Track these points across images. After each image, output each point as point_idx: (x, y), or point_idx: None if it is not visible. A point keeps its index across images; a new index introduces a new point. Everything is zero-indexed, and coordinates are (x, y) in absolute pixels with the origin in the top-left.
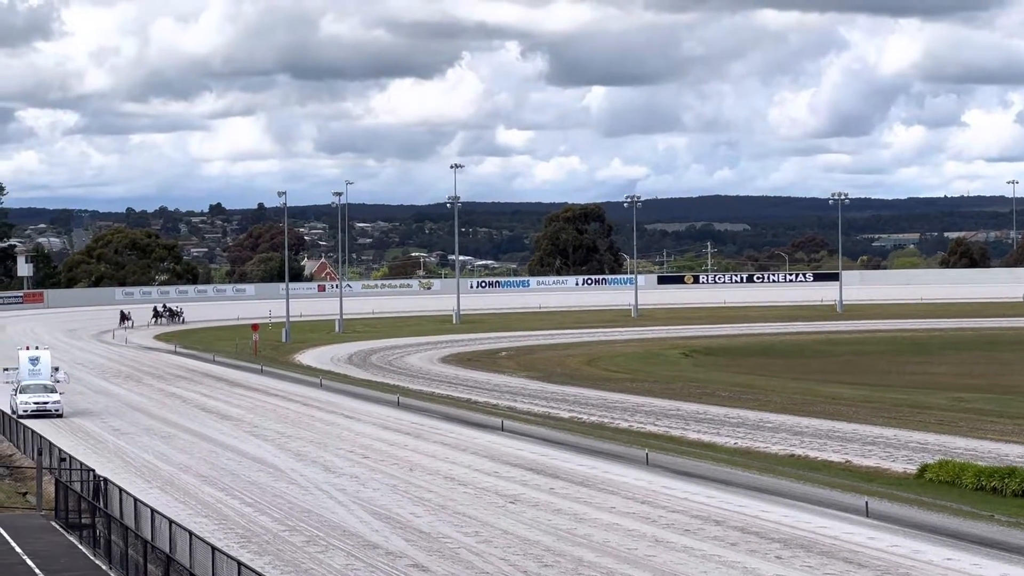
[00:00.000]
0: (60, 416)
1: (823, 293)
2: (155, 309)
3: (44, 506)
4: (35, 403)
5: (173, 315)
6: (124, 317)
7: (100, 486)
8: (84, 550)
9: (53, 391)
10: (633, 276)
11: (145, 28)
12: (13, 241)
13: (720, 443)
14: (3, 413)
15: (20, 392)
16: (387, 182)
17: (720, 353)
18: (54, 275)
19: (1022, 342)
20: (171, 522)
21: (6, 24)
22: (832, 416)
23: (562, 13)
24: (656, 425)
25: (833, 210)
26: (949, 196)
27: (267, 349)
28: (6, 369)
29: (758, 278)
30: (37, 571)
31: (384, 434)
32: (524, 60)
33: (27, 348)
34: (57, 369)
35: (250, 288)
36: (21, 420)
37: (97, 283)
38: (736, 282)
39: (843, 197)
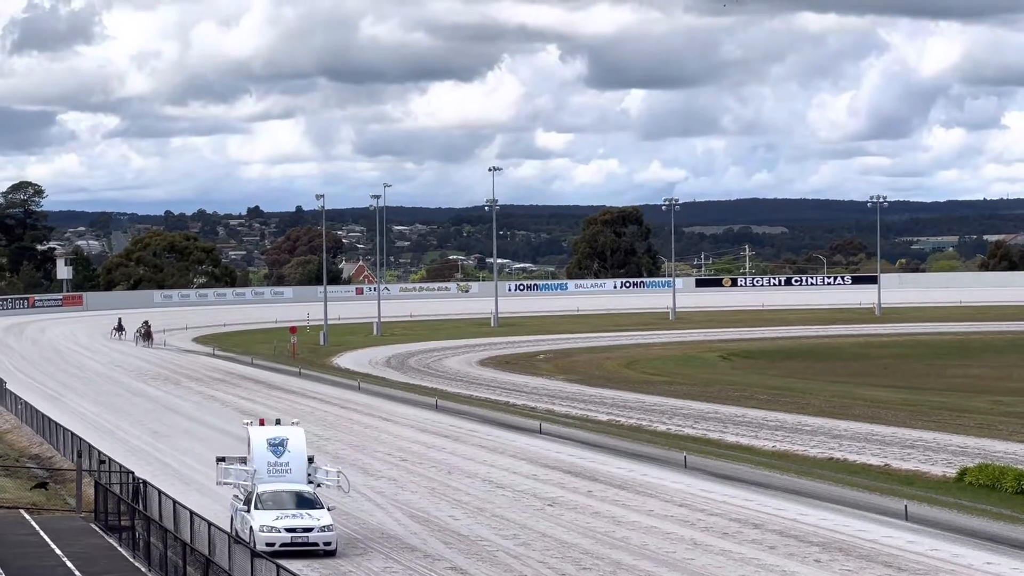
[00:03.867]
0: (333, 553)
1: (861, 296)
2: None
3: (84, 508)
4: (288, 530)
5: (147, 335)
6: (121, 327)
7: (139, 488)
8: (123, 552)
9: (317, 504)
10: (671, 279)
11: (186, 32)
12: (53, 244)
13: (758, 446)
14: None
15: (259, 506)
16: (425, 185)
17: (758, 356)
18: (93, 278)
19: None
20: (210, 524)
21: (48, 28)
22: (871, 419)
23: (602, 16)
24: (694, 428)
25: (872, 213)
26: (988, 199)
27: (305, 352)
28: (222, 460)
29: (796, 281)
30: (77, 573)
31: (422, 437)
32: (564, 63)
33: (261, 423)
34: (312, 460)
35: (288, 291)
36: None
37: (136, 286)
38: (774, 285)
39: (882, 200)
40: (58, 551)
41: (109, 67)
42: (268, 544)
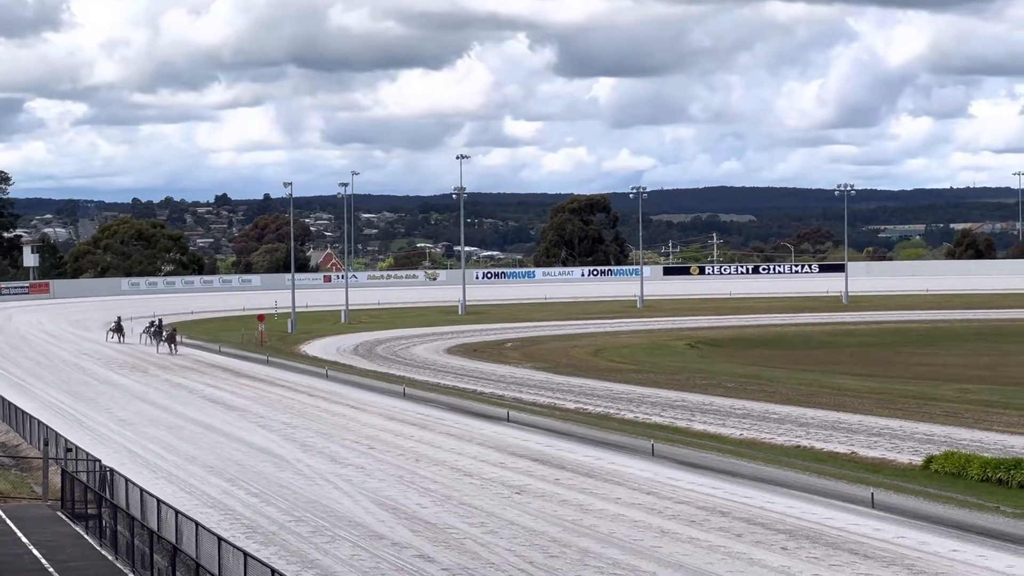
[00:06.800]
0: None
1: (829, 284)
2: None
3: (50, 496)
4: None
5: (171, 339)
6: (119, 328)
7: (106, 476)
8: (90, 540)
9: None
10: (639, 267)
11: (155, 19)
12: (19, 231)
13: (726, 434)
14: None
15: None
16: (394, 173)
17: (726, 344)
18: (60, 265)
19: None
20: (177, 512)
21: (15, 15)
22: (838, 407)
23: (571, 4)
24: (662, 416)
25: (839, 201)
26: (955, 187)
27: (273, 339)
28: None
29: (764, 269)
30: (43, 561)
31: (390, 424)
32: (533, 51)
33: None
34: None
35: (256, 279)
36: None
37: (103, 273)
38: (742, 273)
39: (849, 188)
40: (24, 539)
41: (78, 54)
42: None
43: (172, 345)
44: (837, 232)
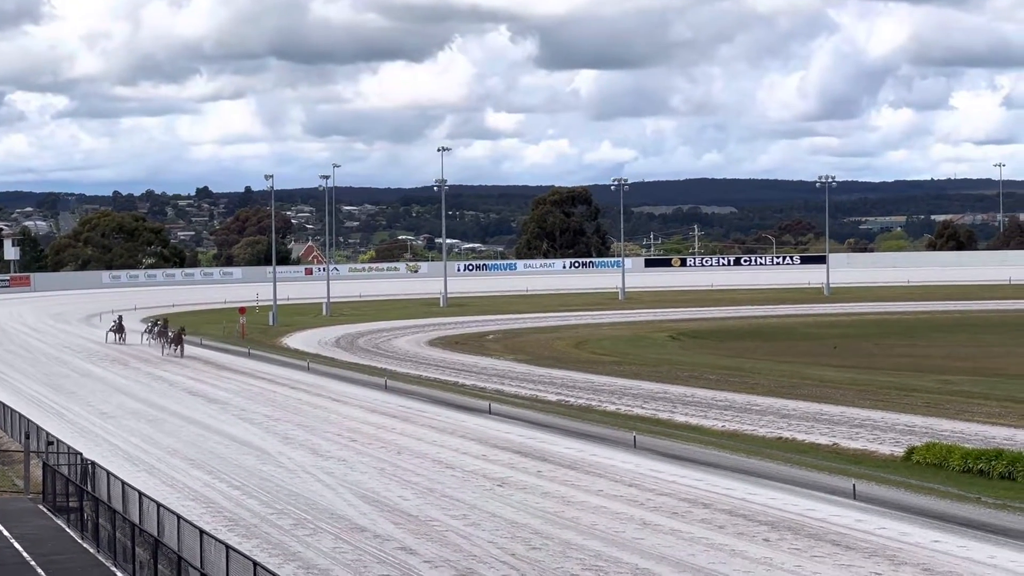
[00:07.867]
0: None
1: (810, 276)
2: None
3: (31, 490)
4: None
5: (178, 339)
6: (120, 328)
7: (87, 469)
8: (72, 533)
9: None
10: (620, 259)
11: (136, 12)
12: None
13: (708, 426)
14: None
15: None
16: (375, 165)
17: (707, 336)
18: (41, 258)
19: (1008, 324)
20: (159, 505)
21: None
22: (819, 399)
23: None
24: (644, 408)
25: (820, 193)
26: (936, 179)
27: (254, 332)
28: None
29: (745, 261)
30: (25, 554)
31: (371, 417)
32: (514, 44)
33: None
34: None
35: (237, 271)
36: None
37: (84, 267)
38: (723, 265)
39: (831, 180)
40: (6, 532)
41: (58, 47)
42: None
43: (178, 347)
44: (818, 224)
